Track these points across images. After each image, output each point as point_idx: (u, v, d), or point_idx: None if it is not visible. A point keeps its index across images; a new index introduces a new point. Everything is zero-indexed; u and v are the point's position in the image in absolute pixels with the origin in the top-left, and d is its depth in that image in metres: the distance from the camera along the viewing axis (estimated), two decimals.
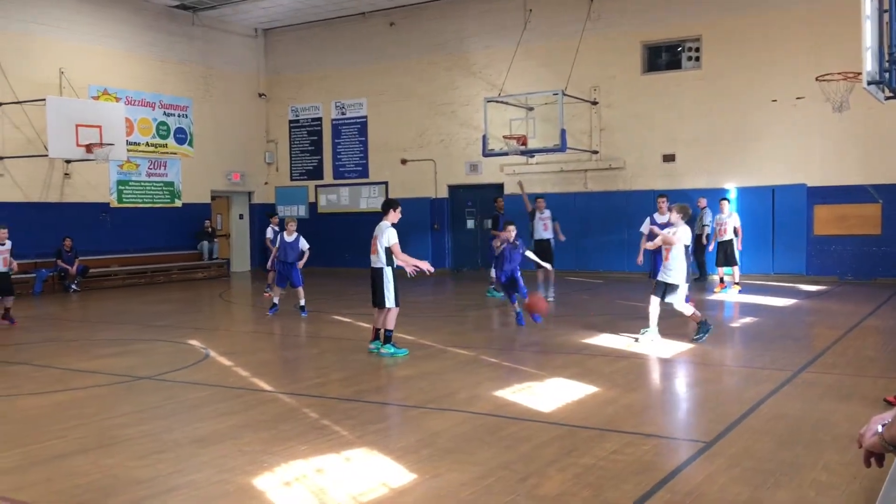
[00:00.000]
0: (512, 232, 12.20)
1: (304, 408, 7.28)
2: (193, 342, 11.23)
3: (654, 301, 10.35)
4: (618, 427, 6.43)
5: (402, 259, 9.81)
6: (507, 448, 5.89)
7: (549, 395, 7.58)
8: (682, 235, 10.33)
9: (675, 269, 10.26)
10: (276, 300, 14.03)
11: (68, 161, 19.69)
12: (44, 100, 18.13)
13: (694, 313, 10.33)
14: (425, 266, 9.76)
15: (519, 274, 12.21)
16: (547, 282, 15.14)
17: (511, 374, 8.70)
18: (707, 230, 17.74)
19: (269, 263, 15.10)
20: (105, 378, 8.92)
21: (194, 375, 9.00)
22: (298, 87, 25.57)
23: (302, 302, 13.89)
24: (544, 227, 15.63)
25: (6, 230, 13.34)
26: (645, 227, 13.27)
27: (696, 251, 18.10)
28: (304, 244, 13.95)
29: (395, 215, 9.86)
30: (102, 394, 8.24)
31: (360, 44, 24.29)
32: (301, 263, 13.93)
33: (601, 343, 10.59)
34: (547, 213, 15.71)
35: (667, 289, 10.29)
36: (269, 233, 17.39)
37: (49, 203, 19.92)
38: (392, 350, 9.73)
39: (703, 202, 18.28)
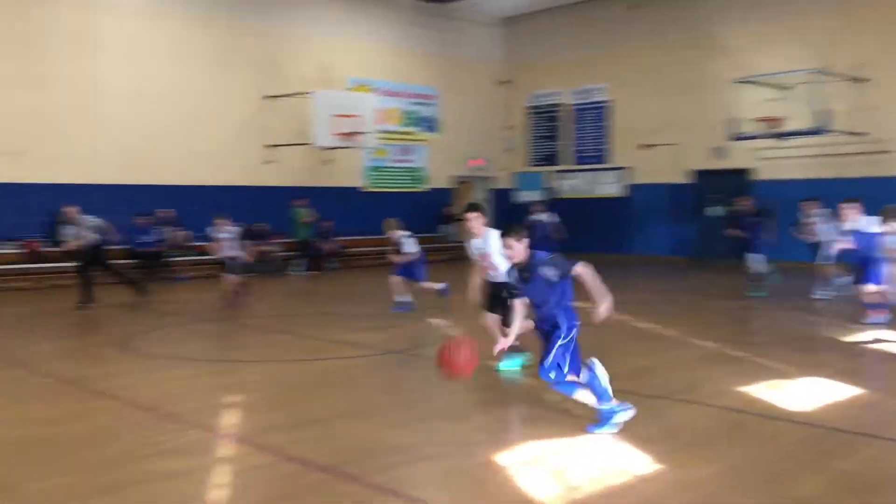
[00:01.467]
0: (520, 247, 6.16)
1: (544, 392, 7.40)
2: (439, 321, 11.78)
3: None
4: (880, 433, 5.94)
5: None
6: (755, 445, 5.66)
7: (802, 393, 7.14)
8: None
9: None
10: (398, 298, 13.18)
11: (328, 148, 21.31)
12: (309, 93, 19.78)
13: None
14: None
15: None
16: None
17: (759, 369, 8.27)
18: None
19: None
20: (360, 350, 9.60)
21: None
22: (539, 74, 25.75)
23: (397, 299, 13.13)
24: (810, 234, 13.96)
25: (227, 219, 13.21)
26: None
27: None
28: (410, 247, 13.02)
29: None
30: (359, 364, 8.91)
31: (602, 28, 23.98)
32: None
33: (867, 341, 9.74)
34: (816, 213, 13.83)
35: None
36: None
37: (312, 187, 21.69)
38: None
39: None
